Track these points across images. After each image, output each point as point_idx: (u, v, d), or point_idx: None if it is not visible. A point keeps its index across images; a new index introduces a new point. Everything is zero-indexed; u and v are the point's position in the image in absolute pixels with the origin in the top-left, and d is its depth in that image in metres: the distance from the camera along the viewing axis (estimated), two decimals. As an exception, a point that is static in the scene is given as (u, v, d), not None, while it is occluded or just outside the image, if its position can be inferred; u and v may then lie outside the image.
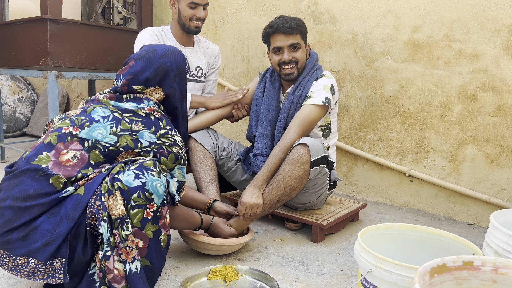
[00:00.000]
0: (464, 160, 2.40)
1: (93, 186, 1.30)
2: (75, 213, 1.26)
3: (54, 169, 1.30)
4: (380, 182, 2.73)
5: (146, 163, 1.33)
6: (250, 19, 3.22)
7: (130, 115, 1.42)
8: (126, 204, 1.27)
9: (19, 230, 1.24)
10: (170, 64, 1.54)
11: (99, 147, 1.36)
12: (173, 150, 1.44)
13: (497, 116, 2.27)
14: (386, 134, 2.66)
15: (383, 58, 2.61)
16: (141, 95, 1.49)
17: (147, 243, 1.32)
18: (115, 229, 1.26)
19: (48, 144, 1.35)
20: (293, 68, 2.10)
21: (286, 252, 1.90)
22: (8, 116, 4.70)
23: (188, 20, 2.32)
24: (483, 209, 2.36)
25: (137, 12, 3.45)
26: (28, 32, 2.93)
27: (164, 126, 1.45)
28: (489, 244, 1.29)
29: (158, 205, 1.32)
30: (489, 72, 2.28)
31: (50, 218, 1.26)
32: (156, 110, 1.48)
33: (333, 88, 2.09)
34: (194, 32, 2.37)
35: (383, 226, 1.49)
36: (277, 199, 1.91)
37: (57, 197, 1.28)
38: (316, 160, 1.90)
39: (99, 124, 1.38)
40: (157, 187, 1.31)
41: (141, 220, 1.29)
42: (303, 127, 2.01)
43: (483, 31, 2.28)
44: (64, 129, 1.38)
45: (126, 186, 1.28)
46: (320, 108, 2.05)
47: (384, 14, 2.59)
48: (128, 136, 1.38)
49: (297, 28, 2.05)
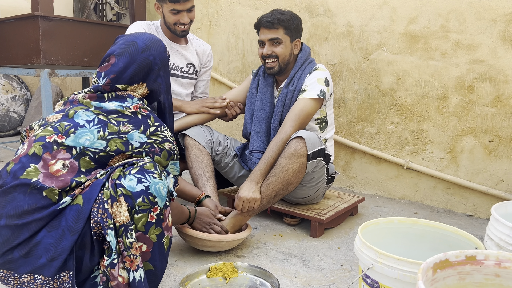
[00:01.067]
0: (462, 152, 2.39)
1: (92, 195, 1.25)
2: (77, 225, 1.22)
3: (46, 181, 1.24)
4: (378, 175, 2.72)
5: (147, 165, 1.30)
6: (245, 13, 3.18)
7: (116, 116, 1.36)
8: (131, 209, 1.24)
9: (20, 248, 1.20)
10: (153, 57, 1.47)
11: (89, 153, 1.31)
12: (165, 146, 1.41)
13: (494, 107, 2.26)
14: (384, 126, 2.65)
15: (379, 50, 2.59)
16: (124, 92, 1.43)
17: (151, 247, 1.29)
18: (119, 237, 1.23)
19: (34, 155, 1.27)
20: (273, 63, 2.09)
21: (286, 247, 1.88)
22: (2, 115, 4.65)
23: (173, 25, 2.26)
24: (482, 200, 2.36)
25: (130, 7, 3.41)
26: (19, 30, 2.89)
27: (153, 123, 1.40)
28: (491, 237, 1.28)
29: (161, 207, 1.29)
30: (486, 63, 2.26)
31: (51, 231, 1.21)
32: (142, 107, 1.42)
33: (327, 80, 2.08)
34: (181, 35, 2.32)
35: (383, 220, 1.48)
36: (275, 194, 1.90)
37: (55, 210, 1.23)
38: (312, 153, 1.88)
39: (84, 129, 1.32)
40: (160, 189, 1.28)
41: (145, 224, 1.26)
42: (298, 120, 2.00)
43: (479, 21, 2.26)
44: (48, 137, 1.30)
45: (130, 192, 1.24)
46: (315, 101, 2.03)
47: (380, 6, 2.56)
48: (117, 139, 1.33)
49: (279, 22, 2.03)
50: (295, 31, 2.11)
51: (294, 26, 2.09)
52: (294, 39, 2.12)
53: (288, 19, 2.06)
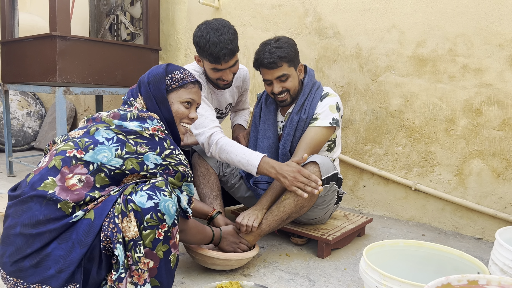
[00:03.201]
0: (470, 174, 2.39)
1: (104, 211, 1.29)
2: (87, 238, 1.26)
3: (61, 194, 1.29)
4: (386, 196, 2.73)
5: (158, 183, 1.33)
6: (256, 35, 3.25)
7: (135, 137, 1.41)
8: (139, 225, 1.28)
9: (31, 258, 1.24)
10: (147, 73, 1.59)
11: (105, 170, 1.35)
12: (179, 169, 1.44)
13: (502, 130, 2.27)
14: (392, 148, 2.66)
15: (388, 72, 2.63)
16: (145, 114, 1.49)
17: (158, 263, 1.32)
18: (128, 251, 1.26)
19: (53, 168, 1.33)
20: (285, 96, 2.07)
21: (292, 267, 1.89)
22: (17, 130, 4.75)
23: (215, 80, 2.10)
24: (490, 224, 2.35)
25: (144, 28, 3.51)
26: (37, 49, 2.98)
27: (169, 146, 1.45)
28: (495, 261, 1.28)
29: (169, 225, 1.32)
30: (494, 87, 2.28)
31: (61, 244, 1.25)
32: (160, 129, 1.47)
33: (339, 106, 2.09)
34: (224, 88, 2.17)
35: (389, 242, 1.49)
36: (287, 216, 1.91)
37: (67, 222, 1.27)
38: (326, 178, 1.89)
39: (103, 146, 1.37)
40: (169, 207, 1.31)
41: (153, 240, 1.29)
42: (309, 149, 2.01)
43: (487, 46, 2.29)
44: (68, 152, 1.36)
45: (139, 207, 1.28)
46: (327, 129, 2.04)
47: (388, 29, 2.61)
48: (133, 159, 1.38)
49: (280, 60, 1.98)
50: (296, 58, 2.07)
51: (293, 55, 2.04)
52: (297, 66, 2.09)
53: (288, 52, 2.00)
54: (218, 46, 1.93)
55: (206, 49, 1.95)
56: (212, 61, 1.98)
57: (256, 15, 3.24)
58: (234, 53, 2.00)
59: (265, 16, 3.19)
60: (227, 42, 1.94)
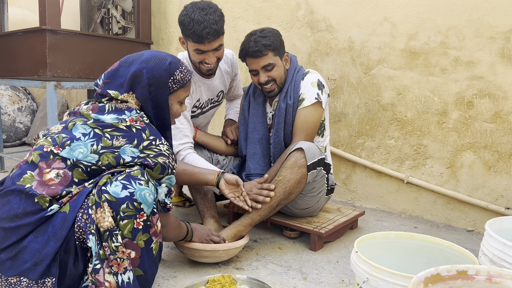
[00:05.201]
0: (462, 167, 2.40)
1: (78, 203, 1.29)
2: (61, 232, 1.26)
3: (38, 188, 1.29)
4: (378, 189, 2.74)
5: (133, 172, 1.31)
6: (248, 28, 3.23)
7: (111, 130, 1.37)
8: (116, 215, 1.27)
9: (8, 251, 1.25)
10: (146, 71, 1.45)
11: (81, 166, 1.33)
12: (159, 160, 1.39)
13: (494, 123, 2.28)
14: (384, 141, 2.67)
15: (380, 65, 2.63)
16: (123, 105, 1.43)
17: (139, 252, 1.32)
18: (105, 242, 1.25)
19: (32, 163, 1.33)
20: (272, 86, 2.09)
21: (285, 260, 1.90)
22: (8, 125, 4.71)
23: (198, 63, 2.07)
24: (482, 216, 2.36)
25: (136, 21, 3.48)
26: (27, 43, 2.95)
27: (148, 137, 1.39)
28: (485, 252, 1.29)
29: (148, 214, 1.31)
30: (485, 79, 2.29)
31: (37, 237, 1.26)
32: (139, 120, 1.41)
33: (321, 82, 2.10)
34: (207, 75, 2.14)
35: (380, 234, 1.49)
36: (277, 204, 1.92)
37: (43, 216, 1.27)
38: (312, 163, 1.92)
39: (79, 142, 1.34)
40: (145, 196, 1.30)
41: (132, 230, 1.28)
42: (304, 134, 2.05)
43: (478, 39, 2.29)
44: (45, 147, 1.35)
45: (114, 197, 1.26)
46: (315, 107, 2.06)
47: (381, 22, 2.61)
48: (109, 153, 1.34)
49: (265, 48, 1.99)
50: (281, 47, 2.09)
51: (279, 44, 2.06)
52: (283, 56, 2.11)
53: (273, 41, 2.01)
54: (202, 25, 1.88)
55: (189, 27, 1.90)
56: (195, 40, 1.93)
57: (248, 8, 3.23)
58: (219, 35, 1.95)
59: (258, 9, 3.17)
60: (212, 22, 1.90)
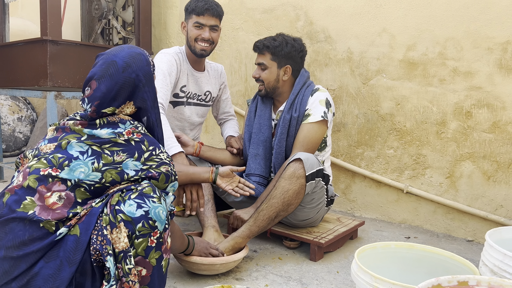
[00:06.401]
0: (461, 177, 2.41)
1: (90, 225, 1.25)
2: (75, 256, 1.22)
3: (42, 214, 1.24)
4: (378, 199, 2.74)
5: (146, 190, 1.29)
6: (248, 39, 3.26)
7: (109, 146, 1.33)
8: (131, 234, 1.24)
9: (18, 280, 1.20)
10: (135, 75, 1.40)
11: (84, 185, 1.29)
12: (162, 170, 1.38)
13: (492, 133, 2.29)
14: (383, 151, 2.68)
15: (379, 76, 2.65)
16: (115, 117, 1.39)
17: (151, 270, 1.29)
18: (119, 263, 1.23)
19: (29, 187, 1.26)
20: (261, 86, 2.21)
21: (285, 271, 1.89)
22: (8, 135, 4.71)
23: (194, 40, 2.25)
24: (481, 226, 2.36)
25: (136, 32, 3.50)
26: (28, 53, 2.97)
27: (147, 148, 1.37)
28: (485, 262, 1.29)
29: (161, 231, 1.29)
30: (484, 90, 2.30)
31: (49, 262, 1.21)
32: (135, 131, 1.38)
33: (329, 101, 2.12)
34: (200, 55, 2.29)
35: (380, 244, 1.50)
36: (275, 215, 1.92)
37: (52, 241, 1.23)
38: (311, 174, 1.92)
39: (79, 161, 1.29)
40: (159, 213, 1.28)
41: (146, 248, 1.26)
42: (304, 148, 2.07)
43: (476, 49, 2.31)
44: (42, 170, 1.28)
45: (130, 217, 1.24)
46: (320, 124, 2.08)
47: (379, 33, 2.63)
48: (112, 170, 1.31)
49: (265, 48, 2.12)
50: (285, 58, 2.13)
51: (283, 53, 2.12)
52: (283, 66, 2.14)
53: (276, 46, 2.10)
54: (204, 1, 2.20)
55: (192, 5, 2.22)
56: (196, 13, 2.21)
57: (248, 19, 3.25)
58: (218, 14, 2.26)
59: (257, 20, 3.20)
60: (214, 3, 2.23)
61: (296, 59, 2.17)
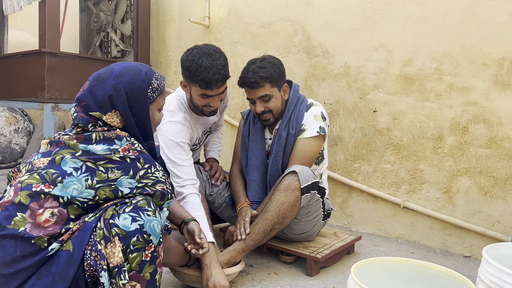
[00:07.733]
0: (458, 192, 2.41)
1: (83, 240, 1.23)
2: (68, 272, 1.19)
3: (34, 231, 1.20)
4: (375, 214, 2.73)
5: (140, 203, 1.28)
6: (245, 53, 3.28)
7: (104, 163, 1.30)
8: (125, 249, 1.22)
9: None
10: (122, 86, 1.38)
11: (77, 202, 1.26)
12: (157, 188, 1.37)
13: (489, 148, 2.30)
14: (380, 165, 2.67)
15: (376, 90, 2.66)
16: (111, 133, 1.36)
17: (145, 285, 1.27)
18: (113, 278, 1.21)
19: (20, 204, 1.22)
20: (268, 116, 2.08)
21: (281, 286, 1.87)
22: (4, 147, 4.70)
23: (201, 106, 2.01)
24: (479, 241, 2.35)
25: (134, 45, 3.52)
26: (26, 65, 2.97)
27: (143, 166, 1.35)
28: (482, 279, 1.28)
29: (155, 245, 1.28)
30: (480, 105, 2.31)
31: (40, 279, 1.19)
32: (131, 149, 1.36)
33: (323, 115, 2.11)
34: (209, 115, 2.07)
35: (377, 260, 1.48)
36: (271, 228, 1.90)
37: (44, 257, 1.20)
38: (306, 186, 1.91)
39: (72, 178, 1.26)
40: (154, 227, 1.27)
41: (140, 263, 1.25)
42: (300, 163, 2.03)
43: (472, 65, 2.33)
44: (34, 186, 1.24)
45: (124, 231, 1.22)
46: (316, 139, 2.07)
47: (376, 48, 2.65)
48: (106, 187, 1.29)
49: (262, 80, 1.99)
50: (280, 78, 2.06)
51: (277, 75, 2.03)
52: (281, 87, 2.09)
53: (271, 72, 2.00)
54: (211, 71, 1.85)
55: (197, 74, 1.87)
56: (203, 87, 1.89)
57: (246, 34, 3.28)
58: (226, 80, 1.94)
59: (255, 34, 3.22)
60: (220, 68, 1.88)
61: (284, 74, 2.11)
